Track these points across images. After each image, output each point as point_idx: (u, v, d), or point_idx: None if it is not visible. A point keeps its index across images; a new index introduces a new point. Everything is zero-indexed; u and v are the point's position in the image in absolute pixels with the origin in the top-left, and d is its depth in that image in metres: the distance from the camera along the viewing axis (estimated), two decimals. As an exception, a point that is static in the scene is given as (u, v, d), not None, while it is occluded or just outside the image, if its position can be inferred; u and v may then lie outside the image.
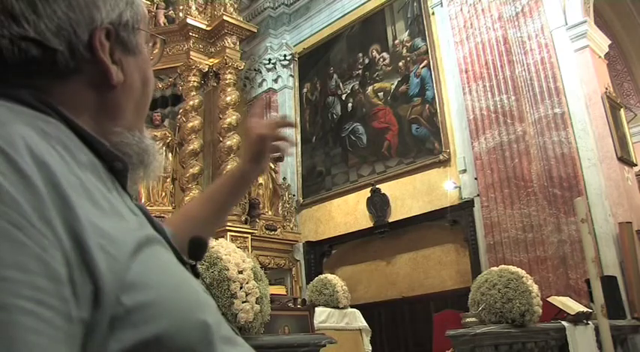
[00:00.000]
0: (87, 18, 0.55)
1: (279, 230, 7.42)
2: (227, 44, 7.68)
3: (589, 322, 3.96)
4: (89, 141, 0.52)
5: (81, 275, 0.40)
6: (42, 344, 0.36)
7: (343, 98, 7.96)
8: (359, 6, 7.95)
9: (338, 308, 4.97)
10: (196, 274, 0.61)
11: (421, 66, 7.01)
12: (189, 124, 7.40)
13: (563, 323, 3.83)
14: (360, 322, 5.17)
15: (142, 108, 0.65)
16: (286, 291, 7.27)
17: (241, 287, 2.35)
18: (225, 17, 7.54)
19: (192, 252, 0.64)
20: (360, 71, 7.81)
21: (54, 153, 0.44)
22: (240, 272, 2.38)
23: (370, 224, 7.14)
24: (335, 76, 8.15)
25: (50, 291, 0.38)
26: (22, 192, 0.39)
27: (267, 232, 7.25)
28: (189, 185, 7.19)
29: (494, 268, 3.83)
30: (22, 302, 0.36)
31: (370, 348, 5.18)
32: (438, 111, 6.67)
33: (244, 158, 1.02)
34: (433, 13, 7.03)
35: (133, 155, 0.61)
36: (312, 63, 8.56)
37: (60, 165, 0.44)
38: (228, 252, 2.41)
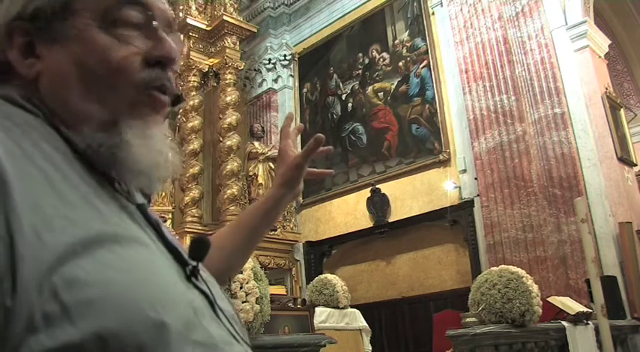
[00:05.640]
0: None
1: (279, 230, 7.42)
2: (227, 44, 7.68)
3: (589, 322, 3.96)
4: (65, 137, 0.53)
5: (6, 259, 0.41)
6: None
7: (343, 98, 7.95)
8: (359, 6, 7.94)
9: (338, 308, 4.97)
10: (195, 275, 0.57)
11: (421, 66, 7.01)
12: (189, 124, 7.41)
13: (563, 323, 3.83)
14: (360, 322, 5.16)
15: (106, 94, 0.58)
16: (286, 291, 7.26)
17: (241, 287, 2.35)
18: (225, 17, 7.54)
19: (193, 252, 0.61)
20: (360, 71, 7.81)
21: (12, 145, 0.46)
22: (240, 272, 2.38)
23: (370, 224, 7.14)
24: (335, 76, 8.14)
25: None
26: None
27: (267, 232, 7.24)
28: (189, 185, 7.21)
29: (494, 268, 3.83)
30: None
31: (370, 348, 5.18)
32: (438, 111, 6.67)
33: (277, 182, 1.01)
34: (433, 13, 7.03)
35: (109, 155, 0.57)
36: (312, 63, 8.55)
37: (11, 155, 0.45)
38: (228, 251, 2.41)
